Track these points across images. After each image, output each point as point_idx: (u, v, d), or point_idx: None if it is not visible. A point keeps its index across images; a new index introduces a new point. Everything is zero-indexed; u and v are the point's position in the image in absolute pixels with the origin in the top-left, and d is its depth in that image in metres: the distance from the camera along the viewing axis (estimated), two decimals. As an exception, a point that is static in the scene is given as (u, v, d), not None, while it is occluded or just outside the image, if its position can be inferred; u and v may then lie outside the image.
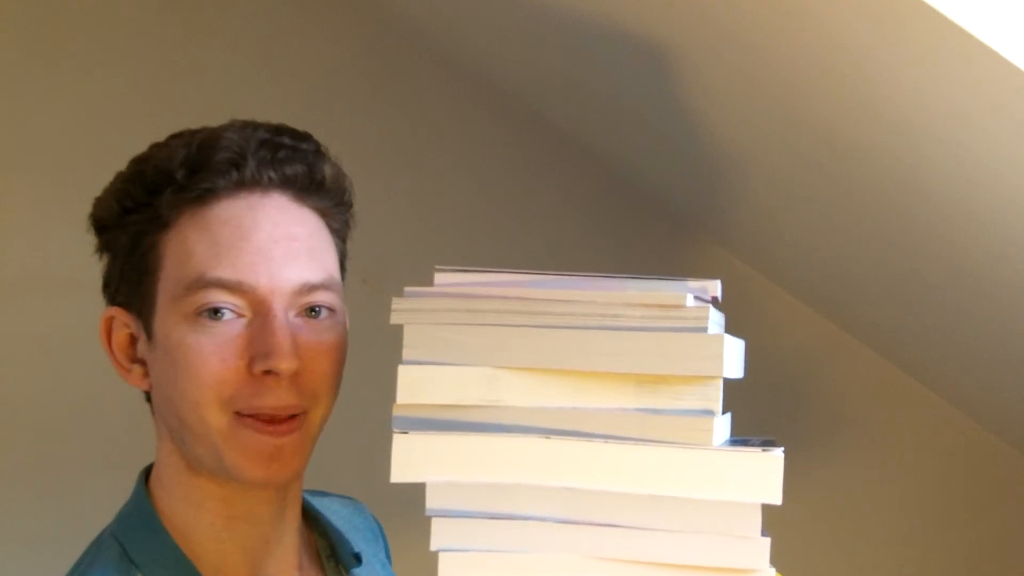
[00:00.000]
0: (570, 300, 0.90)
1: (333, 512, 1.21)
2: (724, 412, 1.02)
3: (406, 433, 0.91)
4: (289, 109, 1.90)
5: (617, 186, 1.93)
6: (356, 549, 1.15)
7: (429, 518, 0.91)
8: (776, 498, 0.87)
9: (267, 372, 0.97)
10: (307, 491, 1.19)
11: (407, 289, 0.94)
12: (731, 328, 1.09)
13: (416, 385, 0.92)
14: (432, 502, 0.91)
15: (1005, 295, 1.36)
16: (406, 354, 0.92)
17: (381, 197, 1.94)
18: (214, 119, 1.10)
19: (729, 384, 1.11)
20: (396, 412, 0.92)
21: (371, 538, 1.24)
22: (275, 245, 0.99)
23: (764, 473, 0.87)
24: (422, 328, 0.92)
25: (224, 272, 0.98)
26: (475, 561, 0.90)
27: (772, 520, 1.82)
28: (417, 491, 0.92)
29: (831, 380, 1.91)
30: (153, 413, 1.07)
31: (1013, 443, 1.83)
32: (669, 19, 1.23)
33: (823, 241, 1.64)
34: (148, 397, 1.08)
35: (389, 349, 1.13)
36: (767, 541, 0.88)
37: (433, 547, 0.91)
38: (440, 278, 0.94)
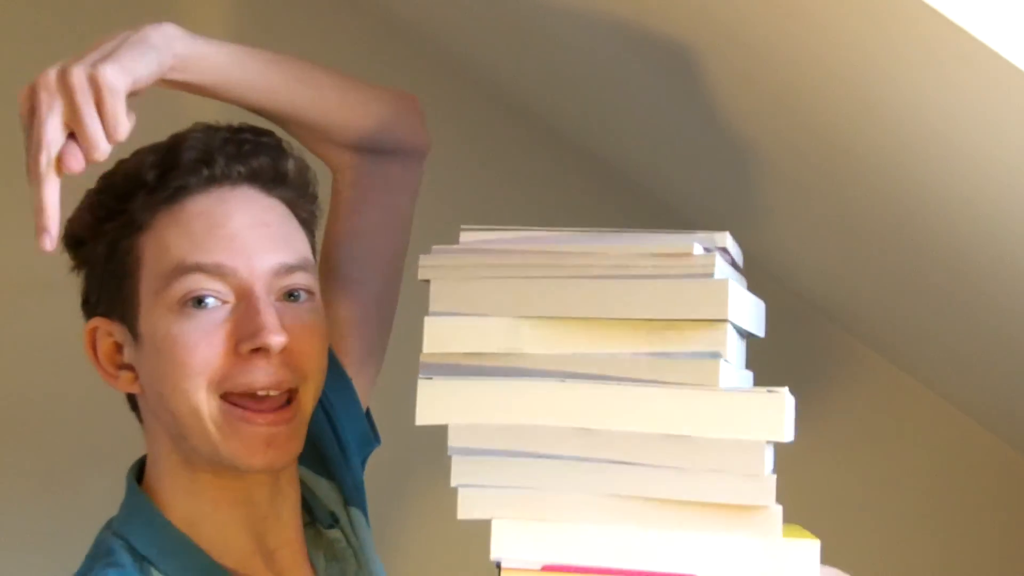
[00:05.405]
0: (586, 252, 0.94)
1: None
2: (746, 369, 1.06)
3: (431, 379, 0.95)
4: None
5: (623, 188, 1.91)
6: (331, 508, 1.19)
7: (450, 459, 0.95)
8: (784, 435, 0.90)
9: (255, 351, 1.01)
10: None
11: (434, 247, 0.98)
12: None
13: (441, 336, 0.95)
14: (454, 441, 0.94)
15: (1005, 295, 1.35)
16: (433, 307, 0.96)
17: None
18: (216, 119, 1.12)
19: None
20: (423, 359, 0.95)
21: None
22: (249, 231, 1.03)
23: (770, 412, 0.90)
24: (447, 283, 0.96)
25: (202, 257, 1.01)
26: (492, 497, 0.93)
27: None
28: (441, 435, 0.96)
29: (830, 380, 1.88)
30: (140, 420, 1.10)
31: (1013, 443, 1.81)
32: (672, 19, 1.23)
33: (823, 241, 1.63)
34: (133, 405, 1.11)
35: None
36: (773, 478, 0.91)
37: (453, 483, 0.94)
38: (465, 236, 0.98)
